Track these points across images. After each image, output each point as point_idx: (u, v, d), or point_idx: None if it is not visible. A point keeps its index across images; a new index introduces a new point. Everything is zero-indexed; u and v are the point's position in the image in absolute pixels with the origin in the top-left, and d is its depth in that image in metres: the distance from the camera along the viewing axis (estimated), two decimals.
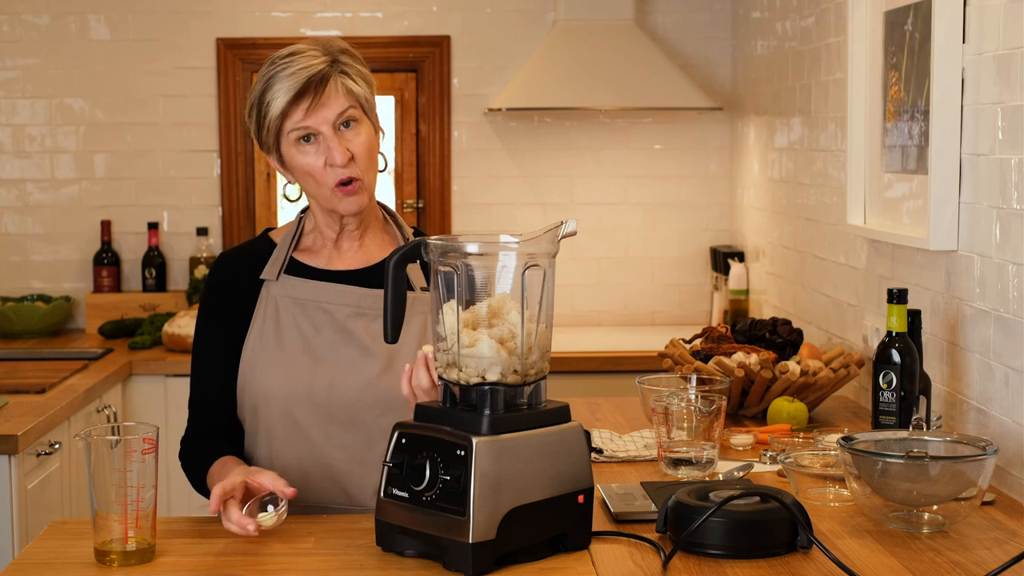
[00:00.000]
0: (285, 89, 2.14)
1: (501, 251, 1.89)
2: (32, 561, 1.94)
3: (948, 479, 2.03)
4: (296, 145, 2.17)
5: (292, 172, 2.22)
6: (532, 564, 1.88)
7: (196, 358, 2.29)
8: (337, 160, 2.15)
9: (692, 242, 4.93)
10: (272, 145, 2.20)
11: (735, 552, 1.91)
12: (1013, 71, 2.38)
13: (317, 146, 2.17)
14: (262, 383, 2.21)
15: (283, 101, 2.14)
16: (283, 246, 2.27)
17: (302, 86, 2.13)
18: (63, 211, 4.82)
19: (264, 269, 2.25)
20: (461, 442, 1.82)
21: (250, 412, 2.24)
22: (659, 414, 2.43)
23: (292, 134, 2.16)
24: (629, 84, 4.59)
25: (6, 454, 3.15)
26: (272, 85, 2.15)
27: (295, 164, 2.19)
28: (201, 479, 2.22)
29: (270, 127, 2.17)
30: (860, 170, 3.15)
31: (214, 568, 1.90)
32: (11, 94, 4.77)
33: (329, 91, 2.15)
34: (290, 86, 2.13)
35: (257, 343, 2.22)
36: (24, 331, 4.57)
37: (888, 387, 2.49)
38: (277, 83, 2.14)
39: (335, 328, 2.22)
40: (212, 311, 2.27)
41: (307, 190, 2.23)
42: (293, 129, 2.16)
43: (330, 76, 2.15)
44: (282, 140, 2.18)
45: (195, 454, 2.26)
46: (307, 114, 2.14)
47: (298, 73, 2.14)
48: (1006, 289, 2.41)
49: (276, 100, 2.14)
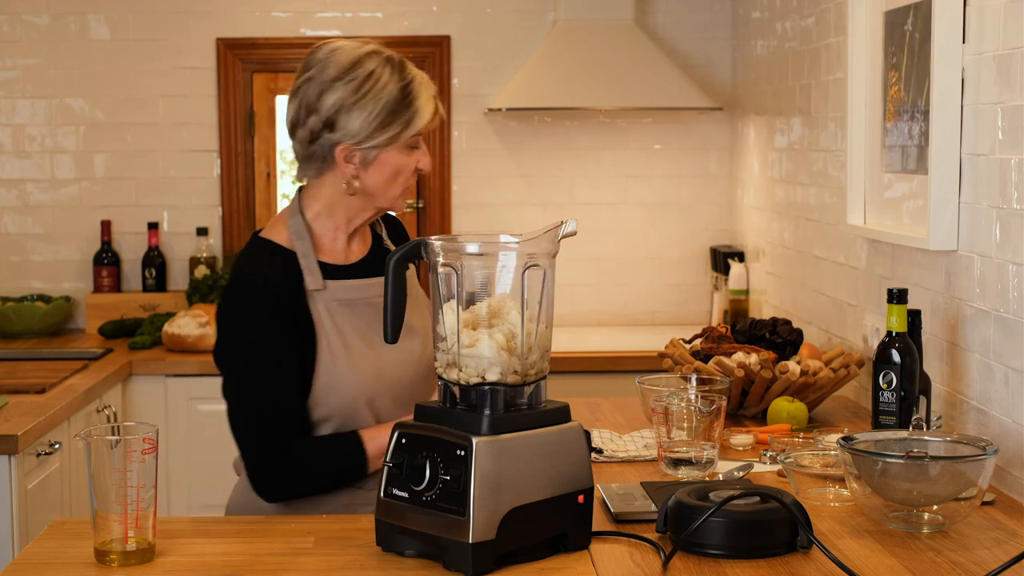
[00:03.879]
0: (430, 100, 2.28)
1: (501, 251, 1.90)
2: (32, 561, 1.94)
3: (948, 479, 2.03)
4: (404, 149, 2.28)
5: (379, 170, 2.27)
6: (532, 564, 1.88)
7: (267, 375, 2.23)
8: (428, 166, 2.32)
9: (692, 242, 4.93)
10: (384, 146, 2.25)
11: (735, 552, 1.91)
12: (1013, 71, 2.38)
13: (415, 151, 2.30)
14: (345, 392, 2.26)
15: (429, 112, 2.27)
16: (306, 252, 2.28)
17: (437, 101, 2.30)
18: (63, 211, 4.82)
19: (306, 280, 2.27)
20: (461, 442, 1.82)
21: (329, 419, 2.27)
22: (659, 414, 2.43)
23: (410, 141, 2.27)
24: (629, 84, 4.59)
25: (6, 454, 3.15)
26: (416, 95, 2.26)
27: (391, 165, 2.27)
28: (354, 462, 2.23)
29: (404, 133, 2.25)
30: (860, 170, 3.15)
31: (214, 568, 1.90)
32: (11, 94, 4.77)
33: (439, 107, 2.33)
34: (430, 98, 2.28)
35: (329, 357, 2.25)
36: (24, 331, 4.57)
37: (888, 387, 2.49)
38: (421, 94, 2.27)
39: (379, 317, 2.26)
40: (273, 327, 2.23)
41: (378, 189, 2.28)
42: (417, 134, 2.27)
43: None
44: (397, 142, 2.26)
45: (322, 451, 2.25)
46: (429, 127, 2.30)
47: (431, 86, 2.29)
48: (1006, 289, 2.41)
49: (425, 110, 2.26)
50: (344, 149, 2.24)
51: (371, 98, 2.23)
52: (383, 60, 2.26)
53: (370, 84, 2.23)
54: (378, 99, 2.23)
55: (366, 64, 2.24)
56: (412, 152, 2.29)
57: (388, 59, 2.27)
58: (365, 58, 2.25)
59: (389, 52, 2.29)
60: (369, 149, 2.25)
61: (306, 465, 2.24)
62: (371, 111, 2.23)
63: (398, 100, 2.24)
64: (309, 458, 2.24)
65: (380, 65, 2.25)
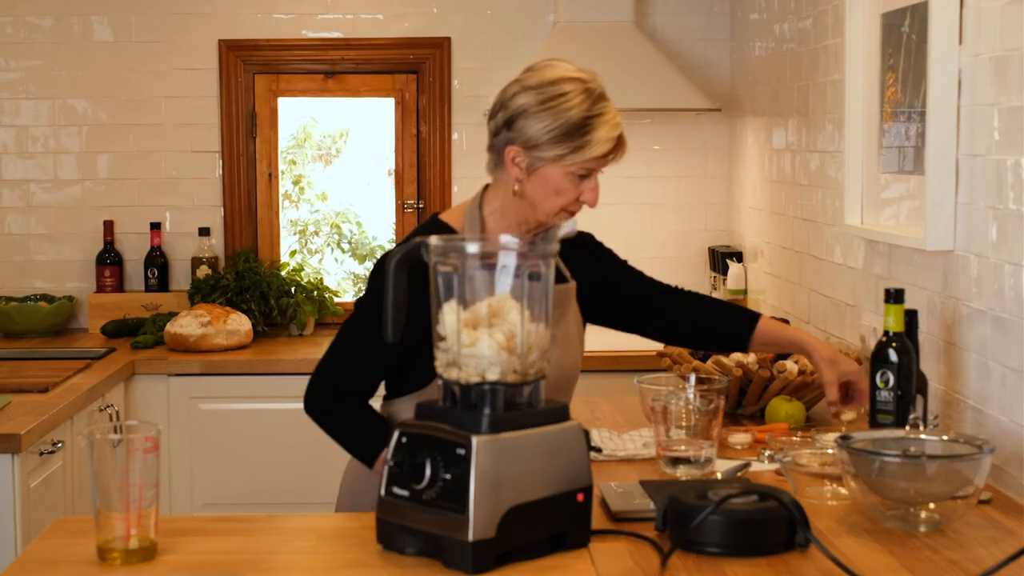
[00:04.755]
0: (607, 140, 2.32)
1: (501, 251, 1.91)
2: (35, 559, 1.95)
3: (945, 478, 2.04)
4: (570, 175, 2.33)
5: (539, 181, 2.33)
6: (531, 562, 1.89)
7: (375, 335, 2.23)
8: (593, 202, 2.37)
9: (690, 242, 4.94)
10: (549, 161, 2.31)
11: (733, 550, 1.92)
12: (1009, 72, 2.39)
13: (583, 180, 2.34)
14: None
15: (603, 150, 2.31)
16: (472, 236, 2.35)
17: (616, 143, 2.34)
18: (66, 211, 4.83)
19: None
20: (461, 441, 1.83)
21: None
22: (658, 413, 2.44)
23: (579, 169, 2.32)
24: (628, 85, 4.60)
25: (9, 453, 3.16)
26: (597, 128, 2.31)
27: (554, 183, 2.33)
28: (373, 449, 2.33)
29: (571, 157, 2.30)
30: (857, 171, 3.16)
31: (216, 567, 1.91)
32: (15, 95, 4.79)
33: (623, 150, 2.37)
34: (611, 138, 2.32)
35: None
36: (27, 331, 4.59)
37: (885, 386, 2.50)
38: (601, 128, 2.31)
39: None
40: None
41: (542, 199, 2.34)
42: (585, 167, 2.32)
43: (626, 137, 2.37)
44: (562, 163, 2.31)
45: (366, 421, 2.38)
46: (602, 163, 2.34)
47: (617, 128, 2.34)
48: (1002, 289, 2.42)
49: (599, 145, 2.31)
50: (513, 150, 2.33)
51: (552, 113, 2.30)
52: (583, 88, 2.32)
53: (558, 101, 2.31)
54: (558, 116, 2.30)
55: (564, 85, 2.32)
56: (580, 180, 2.33)
57: (589, 90, 2.32)
58: (567, 80, 2.33)
59: (597, 86, 2.35)
60: (535, 159, 2.32)
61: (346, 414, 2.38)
62: (548, 124, 2.31)
63: (576, 125, 2.30)
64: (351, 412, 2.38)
65: (577, 90, 2.31)
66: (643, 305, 2.64)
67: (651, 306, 2.64)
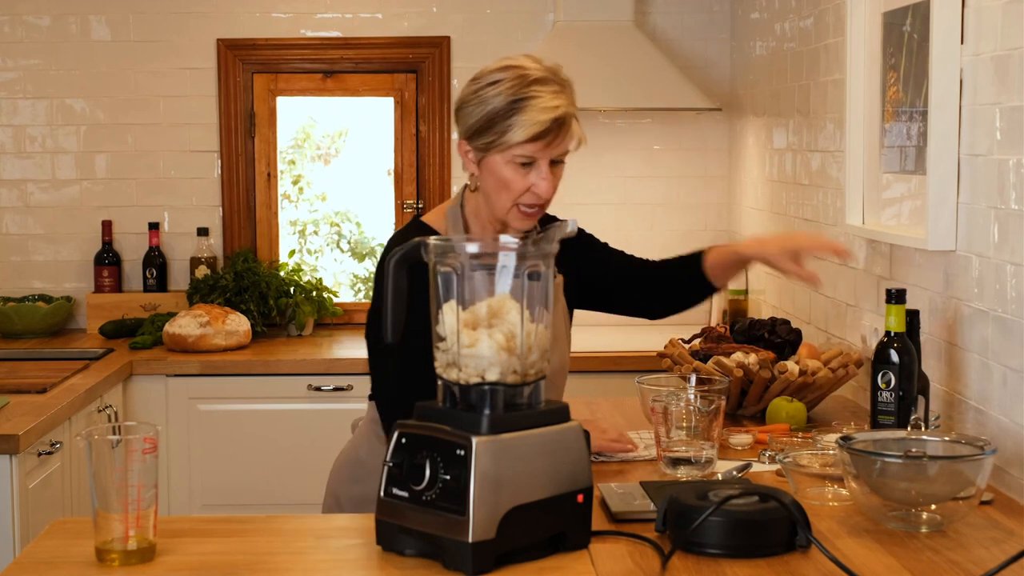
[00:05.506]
0: (531, 124, 2.25)
1: (501, 251, 1.90)
2: (33, 560, 1.94)
3: (946, 479, 2.03)
4: (511, 163, 2.30)
5: (486, 175, 2.33)
6: (531, 563, 1.88)
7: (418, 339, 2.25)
8: (543, 193, 2.32)
9: (691, 242, 4.87)
10: (485, 150, 2.30)
11: (734, 551, 1.91)
12: (1011, 72, 2.39)
13: (529, 170, 2.30)
14: None
15: (525, 135, 2.26)
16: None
17: (546, 128, 2.26)
18: (64, 211, 4.83)
19: None
20: (461, 442, 1.83)
21: None
22: (658, 414, 2.43)
23: (516, 157, 2.29)
24: (628, 85, 4.59)
25: (7, 454, 3.16)
26: (519, 112, 2.26)
27: (499, 175, 2.31)
28: None
29: (497, 144, 2.28)
30: (858, 170, 3.16)
31: (215, 567, 1.91)
32: (12, 95, 4.78)
33: (565, 136, 2.30)
34: (537, 123, 2.25)
35: None
36: (25, 331, 4.58)
37: (887, 387, 2.50)
38: (524, 113, 2.25)
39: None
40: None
41: (493, 195, 2.34)
42: (520, 155, 2.29)
43: (569, 121, 2.30)
44: (500, 154, 2.29)
45: None
46: (539, 150, 2.28)
47: (546, 112, 2.26)
48: (1004, 289, 2.42)
49: (519, 130, 2.26)
50: (461, 144, 2.36)
51: (480, 102, 2.29)
52: (517, 75, 2.27)
53: (487, 89, 2.29)
54: (486, 103, 2.29)
55: (500, 73, 2.29)
56: (525, 170, 2.30)
57: (523, 76, 2.27)
58: (505, 69, 2.30)
59: (539, 72, 2.28)
60: (476, 150, 2.32)
61: None
62: (477, 112, 2.30)
63: (501, 110, 2.27)
64: None
65: (510, 77, 2.28)
66: (624, 284, 2.64)
67: (631, 284, 2.64)
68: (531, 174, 2.31)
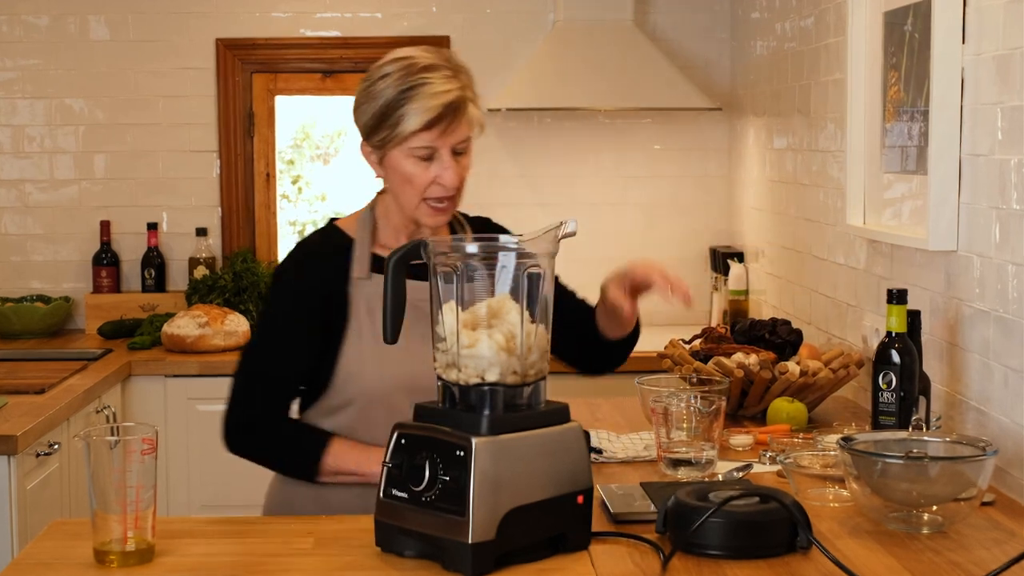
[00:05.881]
0: (422, 111, 2.19)
1: (501, 251, 1.90)
2: (31, 561, 1.94)
3: (947, 479, 2.03)
4: (411, 157, 2.24)
5: (389, 173, 2.29)
6: (531, 564, 1.88)
7: (270, 346, 2.32)
8: (448, 183, 2.24)
9: (691, 242, 4.93)
10: (384, 147, 2.25)
11: (735, 552, 1.91)
12: (1012, 71, 2.38)
13: (431, 163, 2.24)
14: (367, 378, 2.28)
15: (418, 123, 2.20)
16: (363, 242, 2.34)
17: (439, 113, 2.19)
18: (63, 211, 4.82)
19: (353, 268, 2.32)
20: (461, 442, 1.82)
21: (349, 404, 2.30)
22: (658, 414, 2.43)
23: (413, 150, 2.23)
24: (628, 84, 4.59)
25: (5, 454, 3.15)
26: (408, 101, 2.20)
27: (401, 171, 2.26)
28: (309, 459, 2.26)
29: (393, 137, 2.23)
30: (859, 170, 3.15)
31: (213, 568, 1.90)
32: (11, 94, 4.77)
33: (462, 120, 2.23)
34: (428, 108, 2.19)
35: (357, 340, 2.29)
36: (24, 331, 4.57)
37: (888, 387, 2.49)
38: (414, 101, 2.19)
39: (425, 322, 2.24)
40: (296, 304, 2.31)
41: (399, 193, 2.29)
42: (417, 146, 2.22)
43: (464, 104, 2.23)
44: (398, 149, 2.24)
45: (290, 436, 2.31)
46: (436, 138, 2.22)
47: (438, 96, 2.19)
48: (1005, 289, 2.41)
49: (411, 118, 2.20)
50: (362, 146, 2.31)
51: (371, 98, 2.25)
52: (404, 65, 2.22)
53: (376, 85, 2.24)
54: (375, 100, 2.24)
55: (386, 67, 2.25)
56: (427, 163, 2.24)
57: (410, 65, 2.22)
58: (391, 62, 2.25)
59: (425, 60, 2.23)
60: (375, 148, 2.28)
61: (267, 440, 2.31)
62: (368, 110, 2.25)
63: (391, 103, 2.22)
64: (271, 436, 2.31)
65: (396, 69, 2.23)
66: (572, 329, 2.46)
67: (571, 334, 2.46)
68: (433, 166, 2.24)
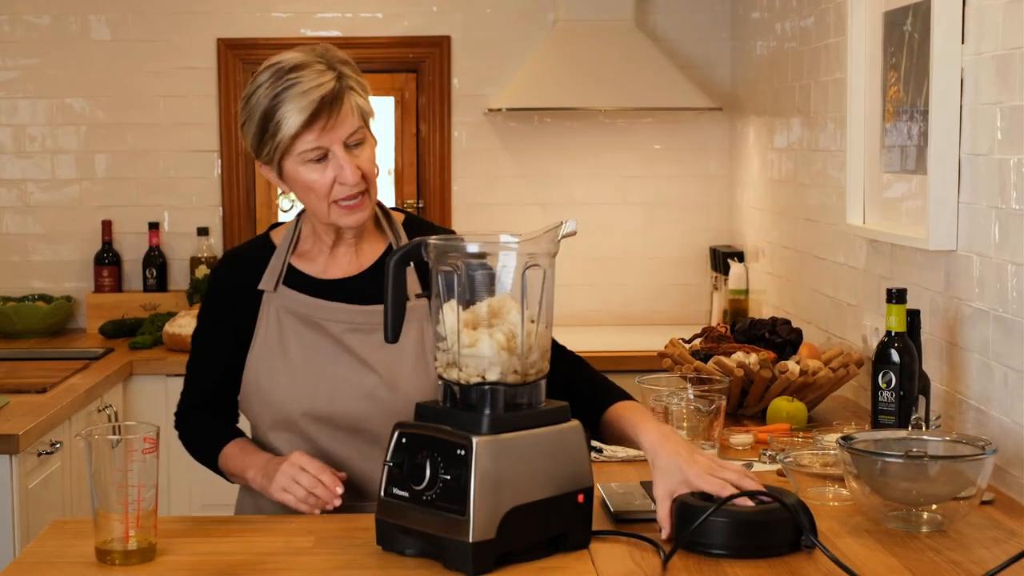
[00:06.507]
0: (297, 110, 2.09)
1: (501, 251, 1.90)
2: (33, 560, 1.94)
3: (947, 478, 2.03)
4: (304, 163, 2.14)
5: (291, 185, 2.19)
6: (532, 563, 1.88)
7: (199, 342, 2.36)
8: (349, 180, 2.13)
9: (692, 242, 4.93)
10: (275, 160, 2.16)
11: (735, 552, 1.91)
12: (1012, 71, 2.38)
13: (327, 164, 2.14)
14: (267, 393, 2.24)
15: (296, 123, 2.10)
16: (280, 252, 2.27)
17: (316, 107, 2.09)
18: (64, 211, 4.82)
19: (262, 278, 2.26)
20: (461, 442, 1.83)
21: (256, 414, 2.29)
22: (659, 414, 2.43)
23: (303, 154, 2.13)
24: (629, 84, 4.59)
25: (7, 454, 3.16)
26: (282, 104, 2.10)
27: (299, 179, 2.16)
28: (210, 455, 2.32)
29: (278, 146, 2.13)
30: (859, 170, 3.15)
31: (215, 568, 1.90)
32: (12, 94, 4.78)
33: (343, 111, 2.12)
34: (303, 107, 2.09)
35: (263, 351, 2.24)
36: (25, 331, 4.58)
37: (887, 387, 2.50)
38: (288, 103, 2.09)
39: (333, 342, 2.22)
40: (215, 307, 2.33)
41: (306, 203, 2.21)
42: (305, 150, 2.12)
43: (342, 94, 2.13)
44: (288, 157, 2.15)
45: (202, 429, 2.36)
46: (320, 135, 2.12)
47: (310, 92, 2.09)
48: (1005, 289, 2.42)
49: (288, 121, 2.10)
50: (258, 166, 2.23)
51: (249, 114, 2.15)
52: (272, 72, 2.12)
53: (251, 100, 2.14)
54: (253, 115, 2.14)
55: (260, 76, 2.15)
56: (322, 166, 2.13)
57: (278, 70, 2.12)
58: (264, 70, 2.14)
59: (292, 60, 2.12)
60: (268, 165, 2.19)
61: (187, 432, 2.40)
62: (249, 129, 2.16)
63: (267, 113, 2.11)
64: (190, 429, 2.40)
65: (265, 77, 2.12)
66: None
67: None
68: (329, 167, 2.13)
